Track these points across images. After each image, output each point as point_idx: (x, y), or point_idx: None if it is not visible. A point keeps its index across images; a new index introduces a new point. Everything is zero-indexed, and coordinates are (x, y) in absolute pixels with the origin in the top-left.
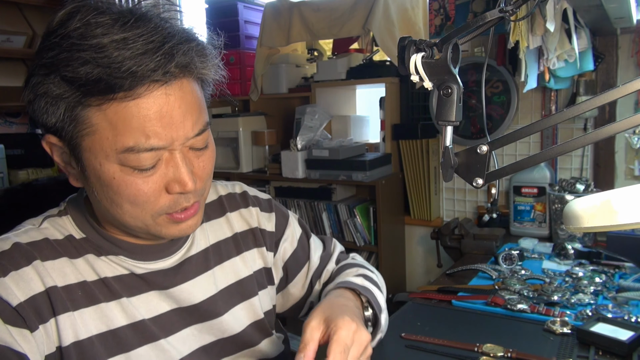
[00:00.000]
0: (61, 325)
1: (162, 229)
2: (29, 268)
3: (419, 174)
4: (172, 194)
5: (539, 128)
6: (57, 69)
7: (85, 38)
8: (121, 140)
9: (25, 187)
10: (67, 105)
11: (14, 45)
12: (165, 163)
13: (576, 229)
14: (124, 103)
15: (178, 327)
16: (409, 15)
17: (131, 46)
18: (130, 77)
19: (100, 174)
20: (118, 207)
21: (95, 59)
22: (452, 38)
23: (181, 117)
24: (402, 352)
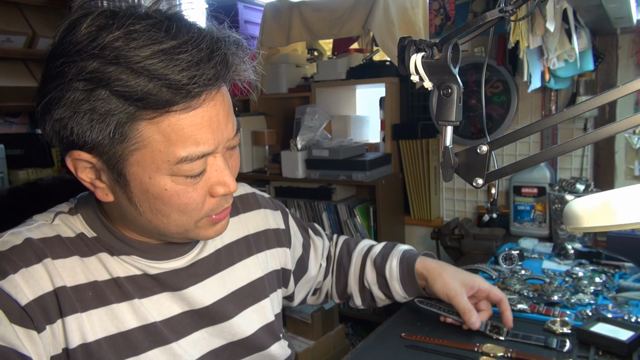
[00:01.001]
0: (68, 326)
1: (201, 231)
2: (39, 266)
3: (419, 174)
4: (216, 197)
5: (539, 128)
6: (106, 83)
7: (131, 48)
8: (174, 152)
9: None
10: (118, 121)
11: (14, 45)
12: (210, 166)
13: (576, 229)
14: (181, 115)
15: (189, 330)
16: (409, 15)
17: (183, 56)
18: (189, 89)
19: (149, 187)
20: (165, 217)
21: (150, 71)
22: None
23: (225, 120)
24: (402, 352)
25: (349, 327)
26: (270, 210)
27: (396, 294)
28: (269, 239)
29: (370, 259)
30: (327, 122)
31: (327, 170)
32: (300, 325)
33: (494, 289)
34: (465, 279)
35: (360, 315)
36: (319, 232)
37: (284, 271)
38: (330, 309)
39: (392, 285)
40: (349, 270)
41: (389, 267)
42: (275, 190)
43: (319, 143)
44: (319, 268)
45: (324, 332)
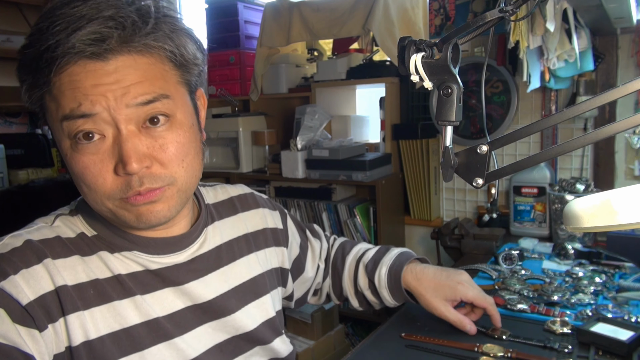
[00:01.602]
0: (70, 325)
1: (126, 213)
2: (40, 266)
3: (419, 174)
4: (119, 175)
5: (539, 128)
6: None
7: (37, 24)
8: (60, 110)
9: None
10: (25, 87)
11: (14, 45)
12: (113, 141)
13: (576, 229)
14: (59, 77)
15: (192, 324)
16: (409, 15)
17: (59, 22)
18: (58, 50)
19: (61, 151)
20: (79, 187)
21: (35, 41)
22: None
23: (120, 88)
24: (402, 352)
25: (349, 327)
26: (269, 210)
27: (386, 301)
28: (267, 238)
29: (362, 264)
30: (327, 122)
31: (327, 170)
32: (300, 325)
33: (477, 298)
34: (447, 294)
35: (360, 315)
36: (317, 233)
37: (282, 270)
38: (330, 309)
39: (382, 293)
40: (343, 274)
41: (378, 276)
42: (275, 190)
43: (319, 143)
44: (316, 269)
45: (324, 332)
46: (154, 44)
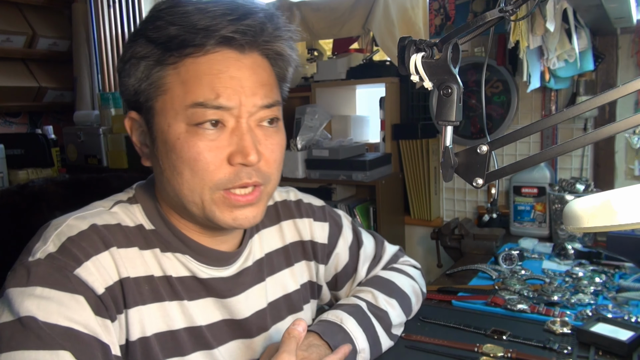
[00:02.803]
0: (130, 318)
1: (217, 210)
2: (107, 254)
3: (419, 174)
4: (234, 165)
5: (539, 128)
6: (143, 33)
7: (173, 7)
8: (191, 96)
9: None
10: (146, 64)
11: (14, 45)
12: (231, 132)
13: (576, 229)
14: (197, 59)
15: (227, 338)
16: (409, 15)
17: (211, 10)
18: (202, 32)
19: (167, 136)
20: (178, 175)
21: (178, 20)
22: (452, 38)
23: (252, 85)
24: (402, 352)
25: None
26: (315, 220)
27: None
28: (304, 251)
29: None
30: (327, 122)
31: (327, 170)
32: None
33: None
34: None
35: None
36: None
37: (312, 284)
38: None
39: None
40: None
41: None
42: None
43: (319, 143)
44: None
45: None
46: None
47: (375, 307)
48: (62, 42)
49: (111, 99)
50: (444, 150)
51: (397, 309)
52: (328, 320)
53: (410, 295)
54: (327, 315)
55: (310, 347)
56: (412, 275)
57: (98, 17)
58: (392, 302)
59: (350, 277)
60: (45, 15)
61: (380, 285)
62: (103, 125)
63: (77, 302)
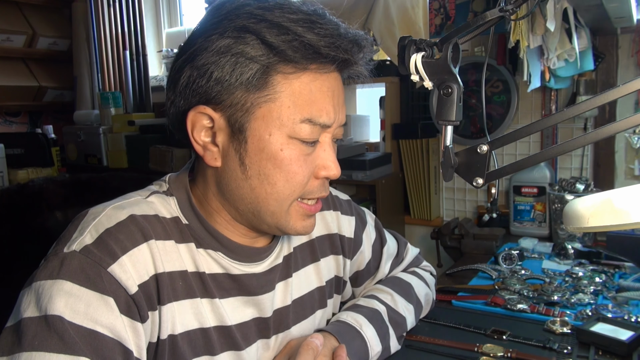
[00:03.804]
0: (163, 315)
1: (291, 219)
2: (145, 246)
3: (419, 174)
4: (319, 178)
5: (539, 128)
6: (256, 32)
7: (282, 13)
8: (301, 110)
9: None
10: (259, 68)
11: (14, 44)
12: (320, 145)
13: (576, 229)
14: (313, 76)
15: (254, 337)
16: (409, 15)
17: (325, 27)
18: (326, 53)
19: (265, 145)
20: (270, 185)
21: (294, 30)
22: (452, 37)
23: (342, 104)
24: (402, 352)
25: None
26: (343, 214)
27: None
28: (334, 244)
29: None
30: None
31: None
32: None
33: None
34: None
35: None
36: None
37: (338, 279)
38: None
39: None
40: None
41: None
42: None
43: None
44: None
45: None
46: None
47: (394, 313)
48: (62, 41)
49: (111, 98)
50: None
51: (412, 315)
52: (347, 323)
53: (424, 303)
54: (346, 316)
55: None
56: (429, 283)
57: (98, 17)
58: (409, 308)
59: (371, 275)
60: (45, 15)
61: (400, 289)
62: (103, 125)
63: (106, 304)
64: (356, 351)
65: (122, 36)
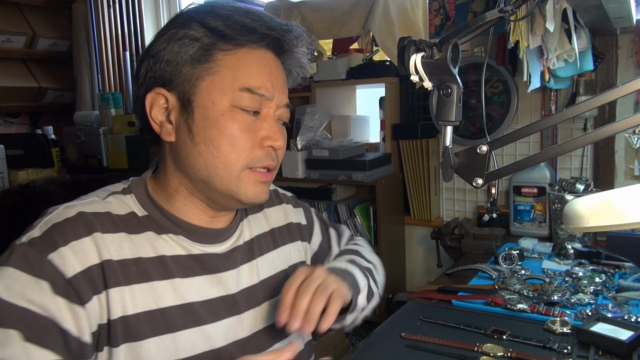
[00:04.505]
0: (111, 298)
1: (244, 185)
2: (89, 239)
3: (419, 174)
4: (264, 147)
5: (539, 128)
6: (199, 19)
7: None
8: (241, 81)
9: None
10: (199, 46)
11: (14, 45)
12: (262, 118)
13: (576, 229)
14: (251, 51)
15: (223, 315)
16: (408, 15)
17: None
18: (264, 29)
19: (209, 111)
20: (215, 148)
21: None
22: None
23: (282, 85)
24: (402, 352)
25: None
26: (292, 206)
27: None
28: (291, 232)
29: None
30: (327, 122)
31: (327, 170)
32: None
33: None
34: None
35: None
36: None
37: (303, 264)
38: None
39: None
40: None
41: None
42: None
43: (319, 143)
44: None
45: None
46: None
47: (361, 266)
48: (62, 42)
49: (111, 99)
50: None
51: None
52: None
53: (377, 263)
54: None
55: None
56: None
57: (98, 17)
58: (369, 266)
59: (327, 254)
60: (45, 16)
61: (354, 253)
62: (103, 126)
63: (40, 287)
64: (350, 284)
65: (122, 37)
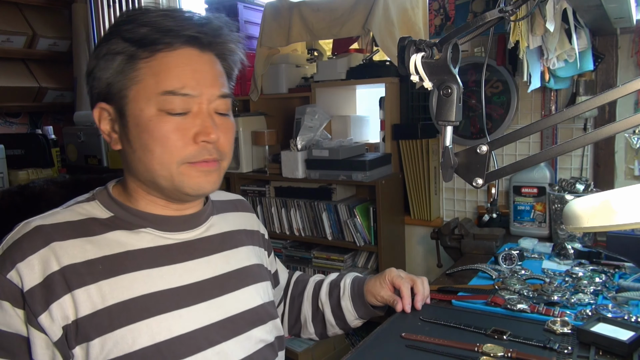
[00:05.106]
0: (77, 298)
1: (185, 178)
2: (46, 249)
3: (419, 174)
4: (198, 143)
5: (539, 128)
6: (118, 33)
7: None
8: (162, 85)
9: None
10: (122, 59)
11: (14, 45)
12: (194, 115)
13: (576, 229)
14: (167, 54)
15: (195, 300)
16: (409, 15)
17: (177, 15)
18: (172, 32)
19: (139, 119)
20: (150, 152)
21: (149, 23)
22: (452, 38)
23: (211, 79)
24: (403, 352)
25: None
26: (259, 221)
27: (347, 311)
28: (259, 239)
29: (327, 280)
30: (327, 122)
31: (327, 170)
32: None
33: (394, 278)
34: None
35: None
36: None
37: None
38: None
39: (344, 303)
40: (304, 292)
41: (343, 283)
42: (275, 190)
43: (319, 143)
44: (285, 283)
45: None
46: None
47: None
48: (62, 42)
49: None
50: (443, 150)
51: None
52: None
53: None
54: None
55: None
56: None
57: (98, 17)
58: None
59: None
60: (45, 16)
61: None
62: None
63: (1, 307)
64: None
65: None
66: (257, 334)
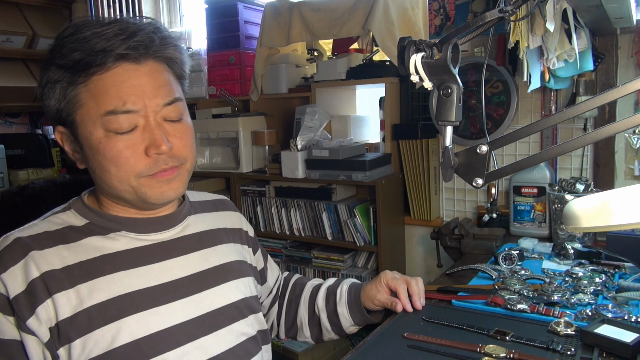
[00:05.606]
0: (57, 302)
1: (147, 189)
2: (26, 259)
3: (419, 174)
4: (150, 156)
5: (539, 128)
6: (53, 60)
7: (74, 35)
8: (103, 106)
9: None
10: (61, 86)
11: (14, 45)
12: (142, 129)
13: (576, 229)
14: (102, 76)
15: (174, 297)
16: (408, 16)
17: (105, 34)
18: (101, 53)
19: (90, 142)
20: (106, 171)
21: (80, 46)
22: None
23: (151, 90)
24: (404, 352)
25: None
26: (245, 219)
27: (343, 317)
28: (242, 237)
29: (324, 285)
30: (327, 122)
31: (327, 170)
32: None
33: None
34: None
35: None
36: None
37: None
38: None
39: (341, 309)
40: (301, 295)
41: (340, 290)
42: (275, 190)
43: (319, 143)
44: (274, 282)
45: None
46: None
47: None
48: None
49: None
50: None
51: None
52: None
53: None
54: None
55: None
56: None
57: (98, 17)
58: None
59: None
60: (45, 15)
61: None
62: None
63: None
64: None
65: None
66: (238, 327)
